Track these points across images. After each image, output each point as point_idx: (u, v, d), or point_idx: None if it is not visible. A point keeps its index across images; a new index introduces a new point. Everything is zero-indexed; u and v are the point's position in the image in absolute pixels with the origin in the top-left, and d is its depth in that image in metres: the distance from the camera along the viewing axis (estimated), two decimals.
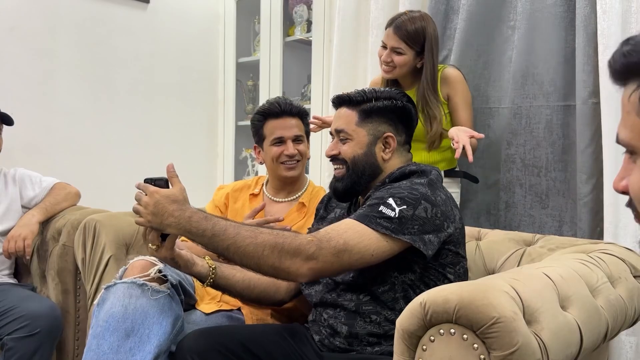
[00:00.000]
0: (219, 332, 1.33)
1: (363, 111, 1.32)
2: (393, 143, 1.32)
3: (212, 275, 1.32)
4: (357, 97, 1.33)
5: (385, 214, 1.14)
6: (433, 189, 1.22)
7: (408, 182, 1.23)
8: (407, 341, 0.90)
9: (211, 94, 3.13)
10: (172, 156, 2.93)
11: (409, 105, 1.35)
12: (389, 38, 1.83)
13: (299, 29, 2.89)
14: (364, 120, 1.32)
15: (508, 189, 2.04)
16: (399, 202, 1.15)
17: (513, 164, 2.02)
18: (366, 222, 1.14)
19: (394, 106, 1.33)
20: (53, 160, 2.47)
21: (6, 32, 2.38)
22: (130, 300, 1.23)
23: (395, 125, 1.33)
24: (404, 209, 1.14)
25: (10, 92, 2.33)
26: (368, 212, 1.16)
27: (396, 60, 1.83)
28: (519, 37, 1.98)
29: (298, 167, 1.69)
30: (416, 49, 1.82)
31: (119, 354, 1.20)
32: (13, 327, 1.72)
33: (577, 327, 0.95)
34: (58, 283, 1.95)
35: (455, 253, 1.25)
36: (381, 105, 1.32)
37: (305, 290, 1.38)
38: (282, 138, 1.67)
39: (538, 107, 1.96)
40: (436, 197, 1.20)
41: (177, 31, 2.95)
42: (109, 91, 2.71)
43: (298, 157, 1.68)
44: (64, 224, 1.98)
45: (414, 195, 1.17)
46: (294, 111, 1.68)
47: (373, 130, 1.32)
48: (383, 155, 1.32)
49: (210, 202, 1.83)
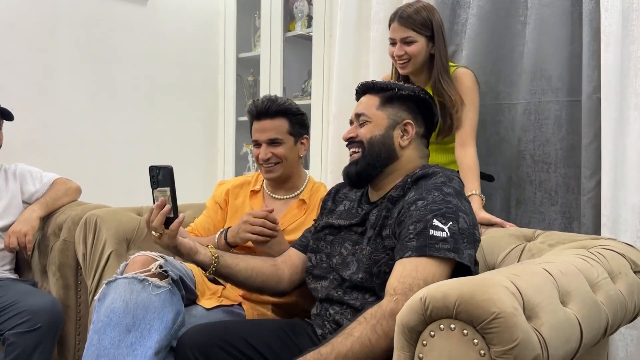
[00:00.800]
0: (220, 327, 1.34)
1: (385, 97, 1.34)
2: (412, 131, 1.32)
3: (215, 263, 1.32)
4: (380, 84, 1.36)
5: (438, 237, 1.13)
6: (460, 197, 1.22)
7: (439, 194, 1.19)
8: (407, 336, 0.90)
9: (211, 89, 3.12)
10: (172, 152, 2.96)
11: (431, 101, 1.37)
12: (396, 31, 1.78)
13: (300, 24, 2.89)
14: (385, 104, 1.33)
15: (519, 185, 2.02)
16: (442, 220, 1.14)
17: (523, 160, 2.00)
18: (427, 253, 1.12)
19: (416, 96, 1.35)
20: (53, 156, 2.48)
21: (6, 28, 2.37)
22: (131, 295, 1.23)
23: (415, 115, 1.34)
24: (451, 225, 1.14)
25: (10, 89, 2.33)
26: (423, 243, 1.13)
27: (409, 51, 1.76)
28: (529, 32, 1.97)
29: (276, 169, 1.67)
30: (426, 33, 1.76)
31: (120, 348, 1.20)
32: (14, 322, 1.73)
33: (577, 322, 0.95)
34: (59, 278, 1.96)
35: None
36: (404, 93, 1.34)
37: (311, 284, 1.38)
38: (257, 141, 1.67)
39: (547, 103, 1.94)
40: (465, 206, 1.21)
41: (177, 27, 2.95)
42: (109, 87, 2.71)
43: (275, 160, 1.66)
44: (65, 220, 1.98)
45: (450, 209, 1.17)
46: (271, 112, 1.63)
47: (393, 115, 1.33)
48: (400, 141, 1.32)
49: (211, 198, 1.83)
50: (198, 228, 1.76)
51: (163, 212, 1.26)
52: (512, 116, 2.04)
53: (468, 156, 1.76)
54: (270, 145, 1.65)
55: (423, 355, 0.88)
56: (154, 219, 1.26)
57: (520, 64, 2.01)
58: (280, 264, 1.44)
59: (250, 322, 1.46)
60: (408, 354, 0.91)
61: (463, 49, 2.11)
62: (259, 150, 1.66)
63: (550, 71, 1.93)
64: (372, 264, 1.23)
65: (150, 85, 2.86)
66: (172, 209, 1.27)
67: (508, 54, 2.05)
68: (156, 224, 1.26)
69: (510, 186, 2.05)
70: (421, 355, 0.88)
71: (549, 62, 1.93)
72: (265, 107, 1.64)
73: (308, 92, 2.86)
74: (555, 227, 1.94)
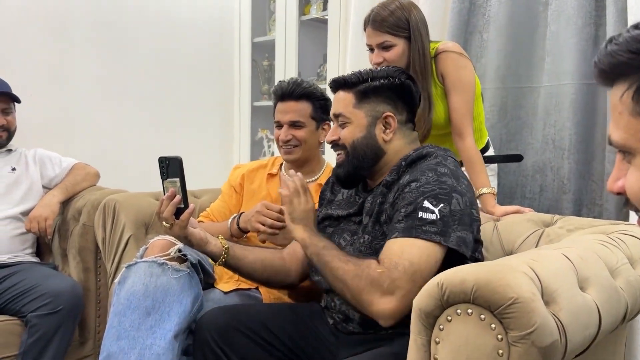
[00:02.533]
0: (238, 310, 1.35)
1: (359, 92, 1.28)
2: (394, 123, 1.28)
3: (225, 254, 1.33)
4: (352, 79, 1.29)
5: (427, 219, 1.11)
6: (457, 177, 1.19)
7: (434, 175, 1.18)
8: (424, 321, 0.91)
9: (227, 74, 3.12)
10: (188, 137, 2.97)
11: (408, 81, 1.30)
12: (371, 37, 1.62)
13: (315, 8, 2.86)
14: (361, 101, 1.28)
15: (542, 171, 1.99)
16: (434, 202, 1.13)
17: (546, 145, 1.96)
18: (415, 234, 1.11)
19: (391, 84, 1.28)
20: (70, 141, 2.50)
21: (21, 15, 2.39)
22: (151, 278, 1.26)
23: (394, 104, 1.29)
24: (442, 207, 1.12)
25: (25, 74, 2.35)
26: (410, 224, 1.12)
27: (388, 57, 1.60)
28: (551, 13, 1.93)
29: (295, 152, 1.67)
30: (404, 34, 1.60)
31: (140, 331, 1.22)
32: (36, 305, 1.77)
33: (595, 308, 0.95)
34: (79, 262, 1.99)
35: (476, 240, 1.23)
36: (378, 84, 1.28)
37: (315, 277, 1.37)
38: (279, 122, 1.66)
39: (568, 86, 1.89)
40: (461, 186, 1.18)
41: (192, 11, 2.94)
42: (125, 72, 2.72)
43: (294, 142, 1.65)
44: (84, 204, 2.01)
45: (444, 190, 1.15)
46: (295, 94, 1.63)
47: (371, 111, 1.28)
48: (384, 136, 1.28)
49: (226, 183, 1.84)
50: (214, 213, 1.78)
51: (173, 202, 1.27)
52: (534, 100, 2.01)
53: (467, 148, 1.63)
54: (292, 128, 1.65)
55: (440, 340, 0.88)
56: (165, 209, 1.27)
57: (543, 46, 1.97)
58: (287, 256, 1.44)
59: (267, 306, 1.48)
60: (425, 338, 0.91)
61: (483, 31, 2.08)
62: (280, 131, 1.67)
63: (573, 53, 1.89)
64: (373, 253, 1.20)
65: (166, 71, 2.86)
66: (182, 199, 1.28)
67: (529, 36, 2.01)
68: (167, 215, 1.27)
69: (535, 171, 2.01)
70: (438, 339, 0.89)
71: (572, 45, 1.89)
72: (290, 89, 1.64)
73: (323, 77, 2.85)
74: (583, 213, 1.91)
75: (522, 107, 2.04)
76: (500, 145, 2.05)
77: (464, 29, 2.11)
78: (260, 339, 1.28)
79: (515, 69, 2.04)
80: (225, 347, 1.26)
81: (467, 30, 2.12)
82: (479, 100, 1.77)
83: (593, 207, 1.91)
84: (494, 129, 2.08)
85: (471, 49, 2.11)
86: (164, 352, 1.21)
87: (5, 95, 2.02)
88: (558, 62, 1.93)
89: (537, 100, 2.00)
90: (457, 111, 1.64)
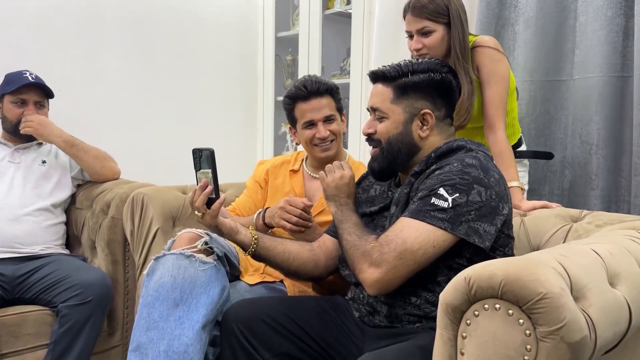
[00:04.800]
0: (263, 302, 1.37)
1: (398, 87, 1.27)
2: (431, 120, 1.27)
3: (254, 244, 1.35)
4: (391, 73, 1.28)
5: (438, 206, 1.11)
6: (485, 169, 1.17)
7: (459, 164, 1.17)
8: (451, 315, 0.90)
9: (250, 69, 3.14)
10: (213, 131, 3.00)
11: (449, 76, 1.29)
12: (410, 23, 1.65)
13: (339, 2, 2.86)
14: (399, 97, 1.27)
15: (572, 167, 1.96)
16: (450, 190, 1.12)
17: (575, 140, 1.93)
18: (421, 217, 1.12)
19: (431, 80, 1.27)
20: (98, 135, 2.54)
21: (52, 11, 2.44)
22: (178, 271, 1.27)
23: (433, 100, 1.28)
24: (457, 197, 1.12)
25: (56, 69, 2.41)
26: (421, 207, 1.13)
27: (427, 43, 1.63)
28: (581, 4, 1.90)
29: (333, 146, 1.67)
30: (443, 21, 1.62)
31: (168, 322, 1.24)
32: (67, 295, 1.81)
33: (626, 304, 0.93)
34: (108, 254, 2.03)
35: (507, 235, 1.22)
36: (417, 79, 1.26)
37: (344, 271, 1.38)
38: (312, 121, 1.64)
39: (597, 79, 1.85)
40: (489, 179, 1.16)
41: (217, 7, 2.97)
42: (152, 67, 2.76)
43: (331, 137, 1.65)
44: (113, 197, 2.05)
45: (465, 181, 1.14)
46: (321, 91, 1.63)
47: (409, 108, 1.27)
48: (420, 133, 1.27)
49: (251, 178, 1.85)
50: (239, 207, 1.79)
51: (205, 192, 1.31)
52: (563, 94, 1.97)
53: (498, 141, 1.63)
54: (326, 123, 1.65)
55: (467, 335, 0.88)
56: (197, 199, 1.31)
57: (572, 38, 1.93)
58: (316, 249, 1.45)
59: (292, 299, 1.49)
60: (452, 332, 0.91)
61: (514, 24, 2.05)
62: (314, 130, 1.64)
63: (602, 45, 1.85)
64: None
65: (192, 66, 2.90)
66: (214, 189, 1.31)
67: (558, 28, 1.97)
68: (199, 204, 1.31)
69: (564, 167, 1.98)
70: (465, 334, 0.88)
71: (601, 36, 1.85)
72: (316, 87, 1.63)
73: (347, 71, 2.84)
74: (612, 209, 1.88)
75: (551, 101, 2.00)
76: (529, 140, 2.02)
77: (494, 22, 2.08)
78: (285, 331, 1.29)
79: (544, 62, 2.00)
80: (252, 338, 1.28)
81: (498, 24, 2.09)
82: (512, 95, 1.76)
83: (622, 204, 1.88)
84: (522, 123, 2.04)
85: (503, 42, 2.08)
86: (192, 342, 1.23)
87: (40, 89, 2.07)
88: (587, 54, 1.90)
89: (566, 94, 1.97)
90: (490, 103, 1.64)
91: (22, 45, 2.35)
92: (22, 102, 2.06)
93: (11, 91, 2.04)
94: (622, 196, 1.88)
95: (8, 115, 2.06)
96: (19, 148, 2.09)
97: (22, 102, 2.06)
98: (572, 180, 1.96)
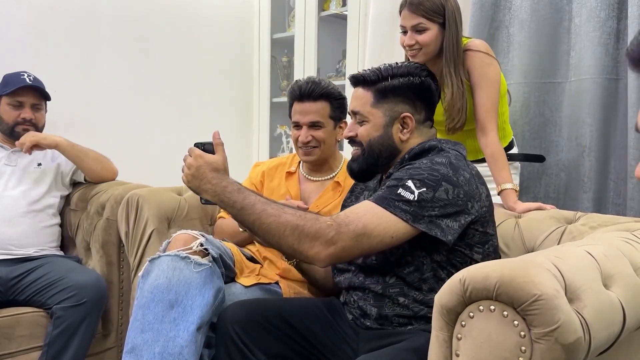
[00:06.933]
0: (259, 304, 1.37)
1: (378, 91, 1.28)
2: (411, 123, 1.28)
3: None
4: (371, 77, 1.29)
5: (403, 197, 1.12)
6: (455, 168, 1.18)
7: (429, 162, 1.19)
8: (446, 317, 0.91)
9: (246, 70, 3.14)
10: (208, 132, 2.96)
11: (428, 80, 1.30)
12: (406, 18, 1.66)
13: (335, 3, 2.86)
14: (380, 100, 1.28)
15: (567, 169, 1.96)
16: (418, 184, 1.13)
17: (570, 142, 1.93)
18: (384, 204, 1.12)
19: (411, 83, 1.28)
20: (93, 136, 2.54)
21: (48, 11, 2.43)
22: (174, 272, 1.27)
23: (413, 104, 1.29)
24: (424, 191, 1.12)
25: (51, 70, 2.39)
26: (387, 195, 1.14)
27: (420, 40, 1.64)
28: (575, 6, 1.90)
29: (314, 152, 1.67)
30: (439, 20, 1.63)
31: (163, 323, 1.24)
32: (61, 297, 1.81)
33: (620, 305, 0.94)
34: (102, 255, 2.02)
35: (483, 232, 1.22)
36: (397, 83, 1.27)
37: (336, 277, 1.39)
38: (298, 123, 1.65)
39: (591, 81, 1.86)
40: (458, 177, 1.17)
41: (212, 8, 2.97)
42: (148, 68, 2.76)
43: (314, 144, 1.65)
44: (108, 199, 2.04)
45: (434, 177, 1.15)
46: (315, 95, 1.63)
47: (389, 111, 1.28)
48: (401, 136, 1.29)
49: (247, 179, 1.85)
50: None
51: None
52: (558, 96, 1.97)
53: (490, 144, 1.63)
54: (311, 128, 1.65)
55: (462, 336, 0.88)
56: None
57: (567, 40, 1.94)
58: None
59: (288, 300, 1.49)
60: (447, 334, 0.91)
61: (508, 26, 2.05)
62: (299, 132, 1.66)
63: (595, 47, 1.86)
64: None
65: (187, 67, 2.89)
66: None
67: (552, 30, 1.98)
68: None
69: (560, 170, 1.99)
70: (460, 335, 0.89)
71: (594, 38, 1.86)
72: (309, 90, 1.63)
73: (342, 73, 2.85)
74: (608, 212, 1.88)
75: (546, 103, 2.01)
76: (524, 142, 2.02)
77: (488, 24, 2.08)
78: (281, 333, 1.29)
79: (539, 64, 2.01)
80: (247, 340, 1.28)
81: (493, 25, 2.09)
82: (504, 98, 1.77)
83: (613, 206, 1.88)
84: (516, 125, 2.05)
85: (497, 44, 2.09)
86: (187, 344, 1.22)
87: (37, 91, 2.06)
88: (580, 56, 1.90)
89: (561, 96, 1.97)
90: (481, 106, 1.65)
91: (17, 45, 2.34)
92: (19, 104, 2.05)
93: (8, 93, 2.03)
94: (611, 198, 1.89)
95: (5, 117, 2.05)
96: (15, 150, 2.08)
97: (19, 104, 2.05)
98: (567, 182, 1.97)
